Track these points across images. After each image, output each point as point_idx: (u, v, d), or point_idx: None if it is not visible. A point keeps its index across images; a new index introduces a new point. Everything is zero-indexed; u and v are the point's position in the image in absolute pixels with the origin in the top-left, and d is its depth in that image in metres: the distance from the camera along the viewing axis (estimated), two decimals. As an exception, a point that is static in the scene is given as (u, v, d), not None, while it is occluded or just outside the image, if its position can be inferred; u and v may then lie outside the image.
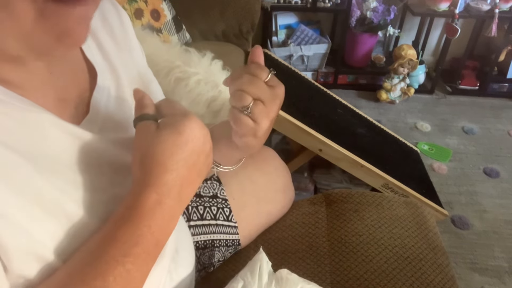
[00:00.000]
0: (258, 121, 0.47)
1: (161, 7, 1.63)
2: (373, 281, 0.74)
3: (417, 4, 2.25)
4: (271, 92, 0.48)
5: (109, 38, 0.53)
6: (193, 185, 0.43)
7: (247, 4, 1.77)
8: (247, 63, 0.49)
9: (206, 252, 0.79)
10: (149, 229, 0.39)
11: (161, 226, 0.40)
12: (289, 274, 0.59)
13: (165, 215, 0.40)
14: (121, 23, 0.56)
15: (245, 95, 0.46)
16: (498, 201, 1.73)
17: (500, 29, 2.19)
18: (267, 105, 0.47)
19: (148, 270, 0.41)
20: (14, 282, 0.38)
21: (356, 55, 2.32)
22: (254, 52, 0.49)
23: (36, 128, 0.39)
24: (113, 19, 0.54)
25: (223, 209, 0.82)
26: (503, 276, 1.43)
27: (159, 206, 0.40)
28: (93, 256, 0.38)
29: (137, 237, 0.39)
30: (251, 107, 0.46)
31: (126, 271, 0.38)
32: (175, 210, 0.42)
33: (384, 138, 1.77)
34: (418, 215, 0.90)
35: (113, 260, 0.38)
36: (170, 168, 0.40)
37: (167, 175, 0.40)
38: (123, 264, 0.38)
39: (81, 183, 0.42)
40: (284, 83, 0.50)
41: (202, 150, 0.42)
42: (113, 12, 0.55)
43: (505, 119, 2.24)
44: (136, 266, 0.39)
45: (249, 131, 0.48)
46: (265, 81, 0.47)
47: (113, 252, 0.38)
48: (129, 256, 0.38)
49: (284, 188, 0.94)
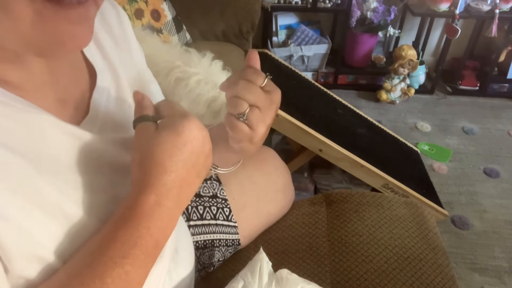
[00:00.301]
0: (254, 128, 0.47)
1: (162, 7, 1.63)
2: (373, 281, 0.74)
3: (417, 4, 2.25)
4: (267, 98, 0.47)
5: (108, 38, 0.53)
6: (192, 186, 0.43)
7: (247, 4, 1.77)
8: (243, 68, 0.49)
9: (206, 252, 0.79)
10: (148, 230, 0.39)
11: (160, 227, 0.40)
12: (289, 274, 0.59)
13: (164, 216, 0.40)
14: (121, 23, 0.56)
15: (241, 101, 0.46)
16: (498, 201, 1.73)
17: (500, 30, 2.19)
18: (263, 111, 0.47)
19: (147, 271, 0.41)
20: (15, 283, 0.38)
21: (356, 55, 2.32)
22: (250, 57, 0.49)
23: (36, 129, 0.39)
24: (112, 19, 0.54)
25: (223, 209, 0.83)
26: (503, 276, 1.43)
27: (158, 207, 0.40)
28: (92, 257, 0.38)
29: (136, 239, 0.39)
30: (247, 114, 0.46)
31: (124, 273, 0.38)
32: (174, 211, 0.42)
33: (384, 138, 1.77)
34: (418, 215, 0.90)
35: (112, 262, 0.38)
36: (169, 169, 0.40)
37: (166, 176, 0.40)
38: (121, 266, 0.38)
39: (81, 184, 0.42)
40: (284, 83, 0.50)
41: (201, 151, 0.42)
42: (112, 12, 0.55)
43: (505, 119, 2.24)
44: (135, 267, 0.39)
45: (245, 137, 0.48)
46: (261, 86, 0.47)
47: (111, 254, 0.38)
48: (128, 257, 0.38)
49: (284, 188, 0.94)
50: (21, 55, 0.38)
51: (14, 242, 0.36)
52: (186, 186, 0.42)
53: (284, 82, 1.59)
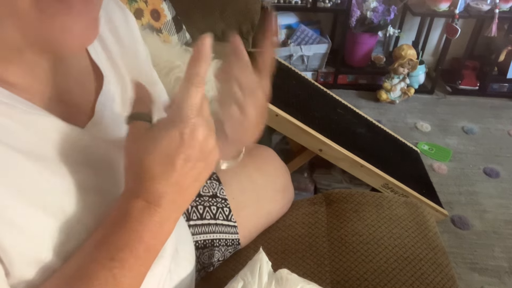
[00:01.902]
0: (245, 112, 0.47)
1: (161, 7, 1.63)
2: (373, 281, 0.74)
3: (417, 4, 2.25)
4: (256, 82, 0.47)
5: (114, 40, 0.53)
6: (189, 190, 0.41)
7: (247, 4, 1.77)
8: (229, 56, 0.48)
9: (205, 252, 0.79)
10: (137, 234, 0.38)
11: (152, 231, 0.39)
12: (289, 274, 0.59)
13: (156, 221, 0.39)
14: (127, 24, 0.55)
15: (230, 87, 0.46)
16: (498, 201, 1.73)
17: (500, 29, 2.19)
18: (253, 95, 0.47)
19: (139, 275, 0.40)
20: (15, 285, 0.38)
21: (356, 55, 2.32)
22: (234, 44, 0.48)
23: (39, 131, 0.39)
24: (118, 20, 0.54)
25: (223, 209, 0.83)
26: (503, 276, 1.43)
27: (148, 212, 0.38)
28: (81, 260, 0.38)
29: (125, 242, 0.38)
30: (236, 98, 0.46)
31: (112, 276, 0.37)
32: (168, 216, 0.40)
33: (384, 138, 1.77)
34: (418, 215, 0.90)
35: (99, 264, 0.37)
36: (159, 176, 0.38)
37: (155, 183, 0.38)
38: (109, 269, 0.37)
39: (84, 186, 0.42)
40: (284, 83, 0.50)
41: (199, 157, 0.39)
42: (118, 13, 0.55)
43: (505, 119, 2.24)
44: (124, 270, 0.38)
45: (237, 122, 0.48)
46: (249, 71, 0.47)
47: (99, 256, 0.38)
48: (115, 260, 0.37)
49: (284, 188, 0.94)
50: (24, 53, 0.38)
51: (15, 244, 0.36)
52: (182, 191, 0.40)
53: (284, 82, 1.59)
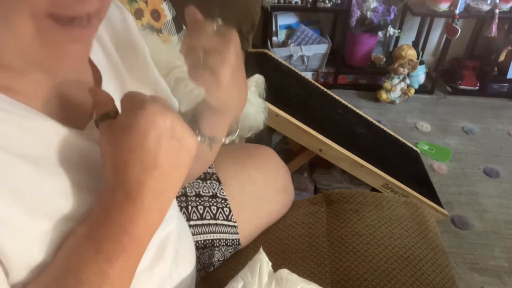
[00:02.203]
0: (217, 73, 0.45)
1: (161, 7, 1.63)
2: (373, 281, 0.74)
3: (417, 4, 2.25)
4: (220, 40, 0.46)
5: (113, 40, 0.53)
6: (171, 175, 0.40)
7: (247, 4, 1.77)
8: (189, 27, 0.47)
9: (206, 252, 0.79)
10: (120, 224, 0.38)
11: (134, 221, 0.39)
12: (289, 274, 0.59)
13: (137, 209, 0.39)
14: (125, 24, 0.55)
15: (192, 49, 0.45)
16: (498, 201, 1.73)
17: (500, 30, 2.19)
18: (219, 53, 0.45)
19: (127, 267, 0.40)
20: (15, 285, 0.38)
21: (356, 55, 2.32)
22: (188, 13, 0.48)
23: (38, 135, 0.40)
24: (116, 20, 0.54)
25: (223, 209, 0.83)
26: (503, 276, 1.43)
27: (127, 202, 0.38)
28: (68, 255, 0.38)
29: (108, 234, 0.38)
30: (203, 60, 0.45)
31: (98, 269, 0.37)
32: (151, 204, 0.40)
33: (384, 138, 1.77)
34: (418, 215, 0.90)
35: (85, 258, 0.37)
36: (133, 162, 0.38)
37: (129, 171, 0.38)
38: (95, 262, 0.37)
39: (82, 188, 0.42)
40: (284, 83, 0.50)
41: (170, 136, 0.39)
42: (116, 13, 0.55)
43: (505, 119, 2.24)
44: (110, 262, 0.38)
45: (211, 84, 0.47)
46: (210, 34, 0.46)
47: (84, 250, 0.38)
48: (100, 252, 0.37)
49: (284, 188, 0.94)
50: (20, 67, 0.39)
51: (13, 246, 0.36)
52: (162, 176, 0.40)
53: (284, 82, 1.59)
